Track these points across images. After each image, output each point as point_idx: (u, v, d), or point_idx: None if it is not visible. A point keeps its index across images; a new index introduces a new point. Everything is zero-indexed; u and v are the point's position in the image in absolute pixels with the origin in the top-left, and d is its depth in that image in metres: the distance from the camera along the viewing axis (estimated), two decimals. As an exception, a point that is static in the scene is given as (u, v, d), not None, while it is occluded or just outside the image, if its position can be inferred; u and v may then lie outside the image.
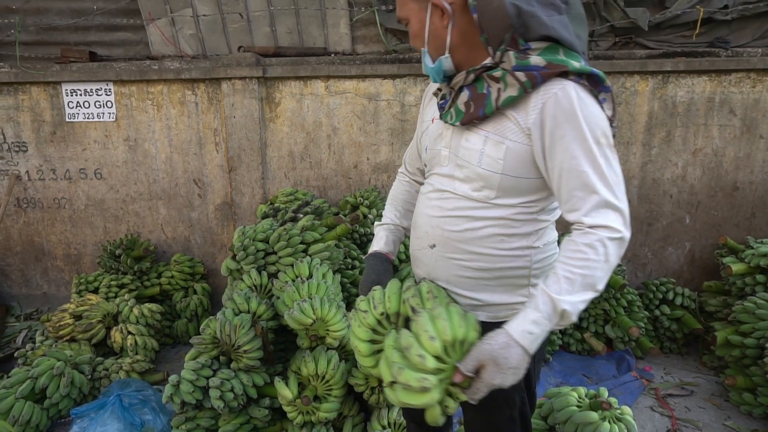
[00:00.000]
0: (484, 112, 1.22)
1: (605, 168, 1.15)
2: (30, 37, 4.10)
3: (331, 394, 2.36)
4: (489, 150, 1.24)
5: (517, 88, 1.18)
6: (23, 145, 4.03)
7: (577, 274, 1.13)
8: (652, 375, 3.26)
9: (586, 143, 1.14)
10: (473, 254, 1.33)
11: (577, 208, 1.16)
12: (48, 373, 2.74)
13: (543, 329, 1.13)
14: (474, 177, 1.28)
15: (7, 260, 4.28)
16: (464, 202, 1.32)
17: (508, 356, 1.11)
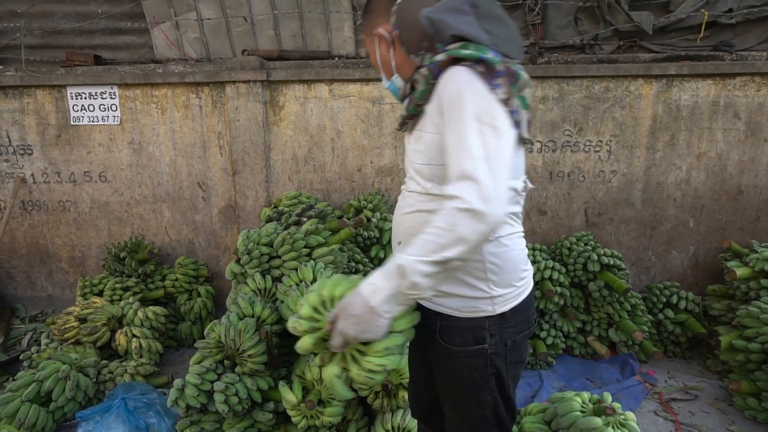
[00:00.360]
0: (408, 111, 1.41)
1: (478, 142, 1.16)
2: (35, 40, 4.12)
3: (335, 399, 2.36)
4: (415, 145, 1.40)
5: (422, 82, 1.35)
6: (28, 148, 4.05)
7: (423, 238, 1.16)
8: (655, 379, 3.25)
9: (464, 120, 1.19)
10: None
11: (451, 177, 1.19)
12: (53, 376, 2.75)
13: (385, 283, 1.18)
14: (413, 173, 1.44)
15: (12, 262, 4.30)
16: (412, 198, 1.44)
17: (352, 303, 1.21)
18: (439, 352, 1.48)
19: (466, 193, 1.13)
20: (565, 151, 3.75)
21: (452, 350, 1.44)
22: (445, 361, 1.47)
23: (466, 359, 1.43)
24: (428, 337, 1.49)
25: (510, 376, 1.47)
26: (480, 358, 1.43)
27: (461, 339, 1.42)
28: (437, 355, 1.50)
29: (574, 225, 3.87)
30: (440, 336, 1.45)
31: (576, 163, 3.75)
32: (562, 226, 3.88)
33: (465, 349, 1.42)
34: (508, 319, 1.42)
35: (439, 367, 1.52)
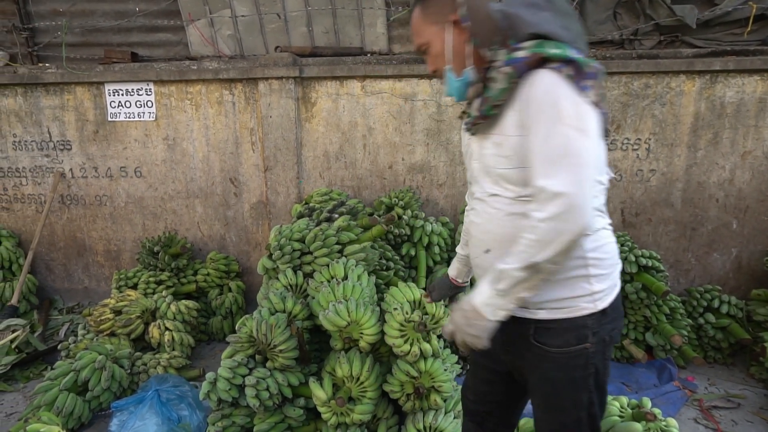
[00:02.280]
0: (483, 112, 1.34)
1: (567, 148, 1.18)
2: (75, 38, 4.22)
3: (365, 396, 2.34)
4: (498, 150, 1.34)
5: (504, 81, 1.27)
6: (68, 143, 4.15)
7: (519, 246, 1.24)
8: (695, 386, 3.14)
9: (555, 125, 1.19)
10: None
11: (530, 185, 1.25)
12: (90, 367, 2.81)
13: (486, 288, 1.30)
14: (497, 178, 1.37)
15: (51, 255, 4.41)
16: (499, 203, 1.38)
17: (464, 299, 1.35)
18: (534, 356, 1.43)
19: (550, 210, 1.17)
20: (602, 150, 3.64)
21: (551, 352, 1.40)
22: (542, 364, 1.43)
23: (567, 360, 1.39)
24: (517, 342, 1.46)
25: (606, 373, 1.47)
26: (581, 357, 1.39)
27: (562, 340, 1.38)
28: (531, 360, 1.45)
29: (610, 225, 3.76)
30: (536, 339, 1.41)
31: (613, 161, 3.65)
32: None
33: (566, 350, 1.38)
34: (608, 315, 1.39)
35: (533, 371, 1.47)
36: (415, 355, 2.29)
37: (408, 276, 3.36)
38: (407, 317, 2.36)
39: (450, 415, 2.40)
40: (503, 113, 1.30)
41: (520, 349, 1.47)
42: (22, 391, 3.16)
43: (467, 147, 1.56)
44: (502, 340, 1.47)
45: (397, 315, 2.36)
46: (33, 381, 3.27)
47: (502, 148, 1.31)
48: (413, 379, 2.32)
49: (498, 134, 1.33)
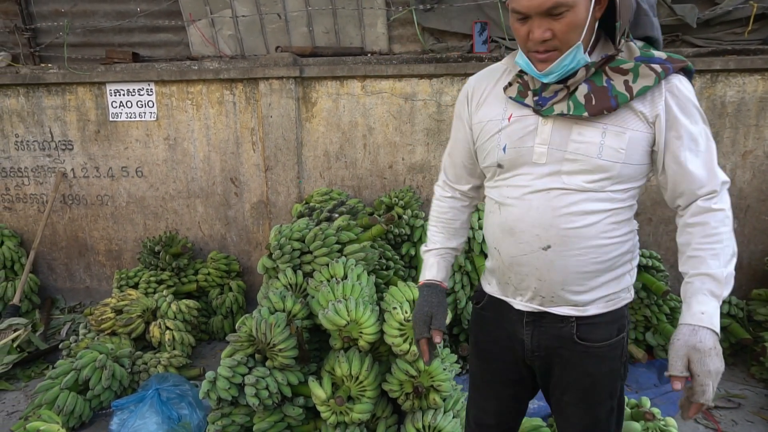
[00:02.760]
0: (617, 102, 1.23)
1: (715, 152, 1.28)
2: (77, 39, 4.24)
3: (364, 395, 2.34)
4: (609, 141, 1.25)
5: (652, 79, 1.21)
6: (69, 143, 4.17)
7: (719, 247, 1.23)
8: (695, 385, 3.13)
9: (701, 130, 1.26)
10: (591, 248, 1.31)
11: (704, 186, 1.26)
12: (91, 366, 2.82)
13: (715, 304, 1.21)
14: (591, 169, 1.27)
15: (53, 254, 4.43)
16: (577, 196, 1.29)
17: (702, 339, 1.17)
18: (574, 353, 1.40)
19: (728, 198, 1.28)
20: (602, 149, 3.64)
21: (594, 347, 1.38)
22: (583, 361, 1.40)
23: (608, 352, 1.39)
24: (553, 343, 1.42)
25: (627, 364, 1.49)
26: (619, 347, 1.41)
27: (606, 334, 1.38)
28: (570, 358, 1.41)
29: (610, 225, 3.76)
30: (579, 337, 1.38)
31: (613, 161, 3.64)
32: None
33: (608, 342, 1.38)
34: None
35: (571, 368, 1.42)
36: (414, 354, 2.30)
37: (408, 275, 3.37)
38: (407, 316, 2.36)
39: (449, 414, 2.40)
40: (625, 107, 1.25)
41: (556, 349, 1.42)
42: (23, 390, 3.18)
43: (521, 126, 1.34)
44: (533, 344, 1.43)
45: (397, 314, 2.36)
46: (34, 380, 3.28)
47: (619, 140, 1.25)
48: (412, 378, 2.32)
49: (611, 125, 1.25)
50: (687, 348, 1.18)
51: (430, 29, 3.86)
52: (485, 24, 3.71)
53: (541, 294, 1.38)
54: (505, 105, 1.37)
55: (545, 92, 1.29)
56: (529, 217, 1.33)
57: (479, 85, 1.46)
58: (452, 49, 3.84)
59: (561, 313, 1.37)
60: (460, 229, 1.65)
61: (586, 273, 1.33)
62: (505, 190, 1.38)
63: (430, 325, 1.53)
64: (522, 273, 1.39)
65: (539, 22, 1.19)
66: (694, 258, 1.26)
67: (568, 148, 1.28)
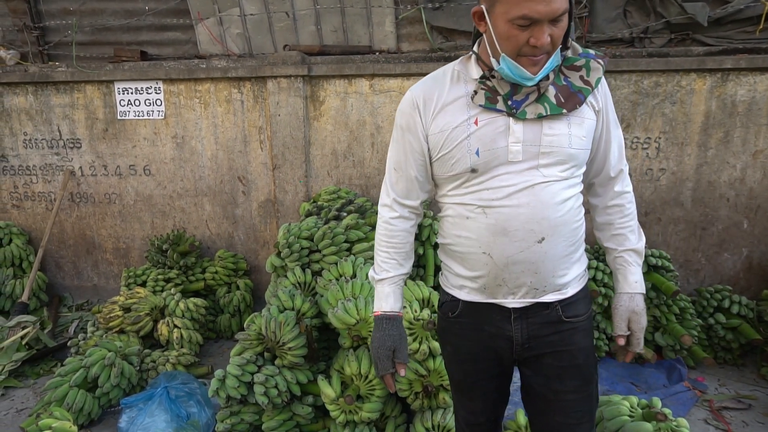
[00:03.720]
0: (584, 96, 1.36)
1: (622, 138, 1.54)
2: (85, 37, 4.25)
3: (373, 394, 2.34)
4: (575, 131, 1.36)
5: (600, 70, 1.37)
6: (77, 141, 4.18)
7: (632, 225, 1.53)
8: (705, 386, 3.12)
9: (616, 118, 1.50)
10: (570, 231, 1.41)
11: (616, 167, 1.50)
12: (100, 363, 2.82)
13: (640, 272, 1.52)
14: (564, 158, 1.37)
15: (61, 252, 4.44)
16: (557, 185, 1.37)
17: (637, 302, 1.49)
18: (564, 334, 1.46)
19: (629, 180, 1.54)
20: (611, 148, 3.62)
21: (580, 323, 1.48)
22: (573, 338, 1.46)
23: (588, 324, 1.51)
24: (544, 329, 1.45)
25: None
26: (592, 319, 1.56)
27: (584, 307, 1.50)
28: (561, 341, 1.45)
29: (619, 224, 3.75)
30: (566, 316, 1.45)
31: (622, 160, 3.62)
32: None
33: (586, 314, 1.50)
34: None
35: (564, 351, 1.46)
36: (423, 353, 2.29)
37: (416, 274, 3.36)
38: (416, 315, 2.36)
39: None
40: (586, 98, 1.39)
41: (545, 336, 1.45)
42: (32, 388, 3.19)
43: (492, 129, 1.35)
44: (523, 338, 1.45)
45: (406, 313, 2.35)
46: (43, 377, 3.29)
47: (581, 129, 1.38)
48: (422, 377, 2.31)
49: (580, 116, 1.38)
50: (628, 312, 1.49)
51: (438, 28, 3.85)
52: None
53: (535, 287, 1.42)
54: (467, 110, 1.38)
55: (516, 95, 1.33)
56: (521, 214, 1.36)
57: (429, 94, 1.43)
58: (461, 48, 3.82)
59: (547, 300, 1.44)
60: (410, 251, 1.61)
61: (567, 257, 1.43)
62: (485, 193, 1.38)
63: (394, 358, 1.53)
64: (518, 271, 1.40)
65: (545, 28, 1.23)
66: (618, 236, 1.52)
67: (542, 142, 1.35)
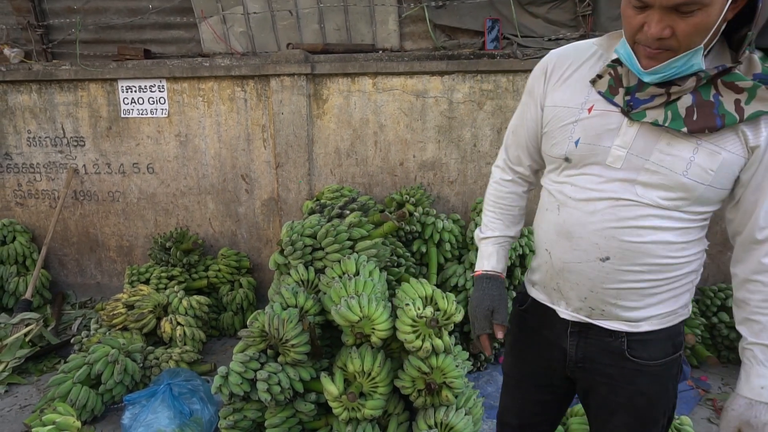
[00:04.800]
0: (723, 122, 1.07)
1: None
2: (89, 35, 4.26)
3: (376, 392, 2.34)
4: (700, 159, 1.11)
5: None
6: (81, 139, 4.19)
7: None
8: (708, 385, 3.11)
9: None
10: (653, 265, 1.21)
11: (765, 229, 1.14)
12: (103, 360, 2.83)
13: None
14: (671, 185, 1.14)
15: (65, 250, 4.45)
16: (648, 210, 1.17)
17: (757, 415, 1.14)
18: (625, 371, 1.31)
19: None
20: (615, 147, 3.62)
21: (649, 365, 1.30)
22: (636, 379, 1.31)
23: (663, 371, 1.32)
24: (602, 358, 1.33)
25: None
26: (675, 365, 1.34)
27: (661, 351, 1.30)
28: (620, 376, 1.32)
29: (622, 223, 3.74)
30: (631, 354, 1.29)
31: (626, 159, 3.62)
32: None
33: (663, 360, 1.31)
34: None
35: (621, 388, 1.33)
36: (426, 350, 2.29)
37: (419, 273, 3.36)
38: (419, 313, 2.36)
39: (461, 411, 2.39)
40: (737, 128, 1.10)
41: (604, 365, 1.33)
42: (35, 384, 3.20)
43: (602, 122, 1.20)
44: (578, 356, 1.35)
45: (409, 311, 2.35)
46: (46, 374, 3.30)
47: (711, 161, 1.11)
48: (425, 375, 2.31)
49: (706, 142, 1.10)
50: (740, 422, 1.16)
51: (441, 26, 3.85)
52: (497, 21, 3.69)
53: (590, 305, 1.29)
54: (588, 93, 1.23)
55: (640, 93, 1.14)
56: (590, 223, 1.22)
57: (561, 62, 1.30)
58: (464, 46, 3.83)
59: (610, 327, 1.29)
60: (519, 216, 1.54)
61: (643, 289, 1.24)
62: (569, 188, 1.27)
63: (492, 319, 1.45)
64: (572, 281, 1.30)
65: (661, 17, 1.02)
66: (753, 322, 1.17)
67: (651, 157, 1.14)
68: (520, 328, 1.53)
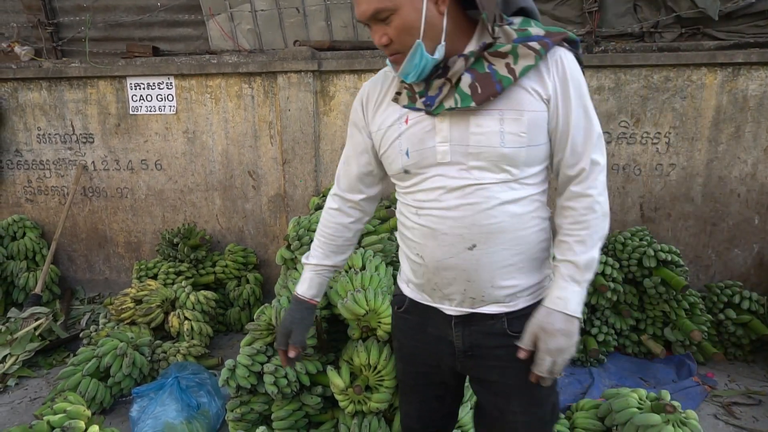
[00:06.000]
0: (501, 86, 1.18)
1: (593, 130, 1.26)
2: (98, 33, 4.30)
3: (382, 385, 2.35)
4: (509, 127, 1.21)
5: (533, 57, 1.18)
6: (90, 136, 4.23)
7: (586, 236, 1.25)
8: (715, 382, 3.10)
9: (585, 103, 1.25)
10: (514, 239, 1.29)
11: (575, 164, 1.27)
12: (112, 353, 2.86)
13: (576, 289, 1.25)
14: (497, 159, 1.23)
15: (73, 246, 4.49)
16: (491, 189, 1.25)
17: (552, 322, 1.23)
18: (511, 349, 1.33)
19: (602, 181, 1.27)
20: (621, 144, 3.62)
21: None
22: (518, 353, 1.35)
23: None
24: (487, 342, 1.37)
25: None
26: None
27: None
28: (506, 357, 1.35)
29: (628, 220, 3.74)
30: (511, 330, 1.34)
31: (632, 155, 3.62)
32: (615, 221, 3.75)
33: None
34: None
35: (509, 369, 1.37)
36: (432, 344, 2.30)
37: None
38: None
39: (466, 405, 2.40)
40: (516, 88, 1.21)
41: (491, 348, 1.37)
42: (45, 377, 3.24)
43: (419, 128, 1.30)
44: (465, 346, 1.39)
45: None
46: (56, 368, 3.34)
47: (518, 125, 1.21)
48: (430, 368, 2.32)
49: (507, 110, 1.21)
50: (537, 327, 1.25)
51: (447, 23, 3.86)
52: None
53: (470, 296, 1.34)
54: (400, 109, 1.33)
55: (430, 91, 1.25)
56: (449, 218, 1.28)
57: (372, 91, 1.42)
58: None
59: (491, 312, 1.34)
60: (342, 246, 1.62)
61: (511, 266, 1.31)
62: (420, 194, 1.33)
63: (289, 339, 1.58)
64: (449, 277, 1.34)
65: (375, 29, 1.20)
66: (562, 243, 1.29)
67: (469, 141, 1.24)
68: (403, 330, 1.56)
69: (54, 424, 1.95)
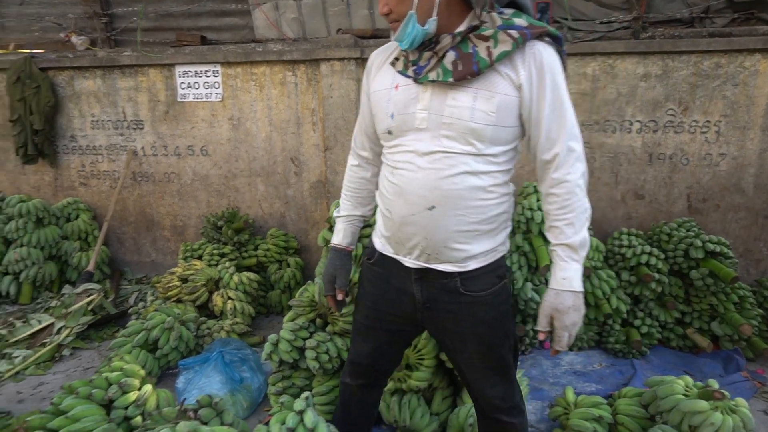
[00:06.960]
0: (478, 67, 1.33)
1: (568, 119, 1.39)
2: (149, 23, 4.45)
3: (422, 364, 2.37)
4: (480, 105, 1.36)
5: (510, 44, 1.32)
6: (140, 123, 4.38)
7: (574, 218, 1.42)
8: (765, 378, 3.00)
9: (561, 93, 1.38)
10: (471, 208, 1.44)
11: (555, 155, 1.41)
12: (160, 326, 2.97)
13: (576, 267, 1.43)
14: (465, 132, 1.38)
15: (123, 229, 4.67)
16: (457, 159, 1.40)
17: (562, 301, 1.42)
18: (463, 305, 1.55)
19: (580, 167, 1.41)
20: (668, 132, 3.53)
21: (480, 296, 1.54)
22: (472, 309, 1.55)
23: (493, 298, 1.56)
24: (442, 297, 1.56)
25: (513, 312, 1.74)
26: (504, 291, 1.59)
27: (489, 283, 1.54)
28: (460, 310, 1.56)
29: (674, 211, 3.64)
30: (465, 289, 1.53)
31: (679, 144, 3.53)
32: (660, 211, 3.67)
33: (492, 290, 1.55)
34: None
35: (463, 319, 1.57)
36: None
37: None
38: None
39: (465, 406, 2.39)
40: (492, 72, 1.36)
41: (446, 302, 1.56)
42: (97, 349, 3.39)
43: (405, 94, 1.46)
44: (423, 298, 1.58)
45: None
46: (106, 341, 3.49)
47: (489, 104, 1.36)
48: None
49: (481, 89, 1.36)
50: (551, 308, 1.44)
51: (491, 10, 3.84)
52: (548, 5, 3.65)
53: (427, 252, 1.50)
54: (393, 75, 1.50)
55: (421, 61, 1.41)
56: (416, 180, 1.45)
57: (376, 58, 1.61)
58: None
59: (445, 270, 1.51)
60: (367, 197, 1.81)
61: (466, 231, 1.46)
62: (397, 155, 1.50)
63: (335, 284, 1.80)
64: (410, 232, 1.50)
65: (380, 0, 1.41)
66: (554, 228, 1.45)
67: (444, 112, 1.39)
68: (371, 280, 1.73)
69: (112, 380, 2.05)
